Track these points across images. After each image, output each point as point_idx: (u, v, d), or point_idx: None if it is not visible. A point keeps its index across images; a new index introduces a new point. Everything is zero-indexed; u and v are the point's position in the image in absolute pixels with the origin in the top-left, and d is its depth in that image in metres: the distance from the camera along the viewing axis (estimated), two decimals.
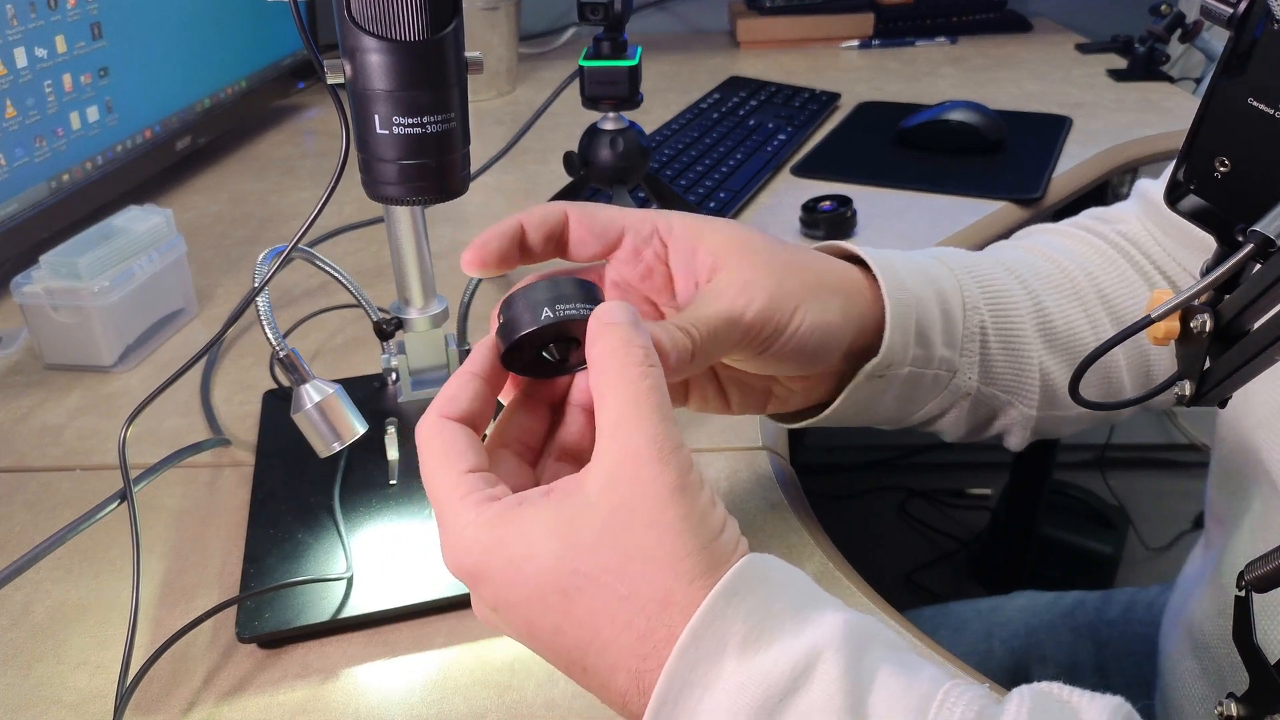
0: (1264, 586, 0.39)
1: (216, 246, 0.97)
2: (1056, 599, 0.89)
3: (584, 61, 0.75)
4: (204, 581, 0.57)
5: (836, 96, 1.29)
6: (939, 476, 1.98)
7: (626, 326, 0.37)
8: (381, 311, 0.63)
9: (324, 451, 0.56)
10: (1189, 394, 0.42)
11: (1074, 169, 1.07)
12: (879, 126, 1.19)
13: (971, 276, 0.57)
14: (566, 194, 0.85)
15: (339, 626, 0.53)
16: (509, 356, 0.40)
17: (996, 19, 1.61)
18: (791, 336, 0.45)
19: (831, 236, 0.92)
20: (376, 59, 0.42)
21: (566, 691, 0.50)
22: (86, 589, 0.57)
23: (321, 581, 0.55)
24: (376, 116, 0.44)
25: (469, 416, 0.39)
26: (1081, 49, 1.49)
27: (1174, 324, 0.41)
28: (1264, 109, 0.36)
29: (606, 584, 0.33)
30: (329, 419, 0.55)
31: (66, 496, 0.64)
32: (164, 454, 0.62)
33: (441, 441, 0.38)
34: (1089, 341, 0.59)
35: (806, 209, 0.94)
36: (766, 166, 1.07)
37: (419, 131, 0.44)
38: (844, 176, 1.06)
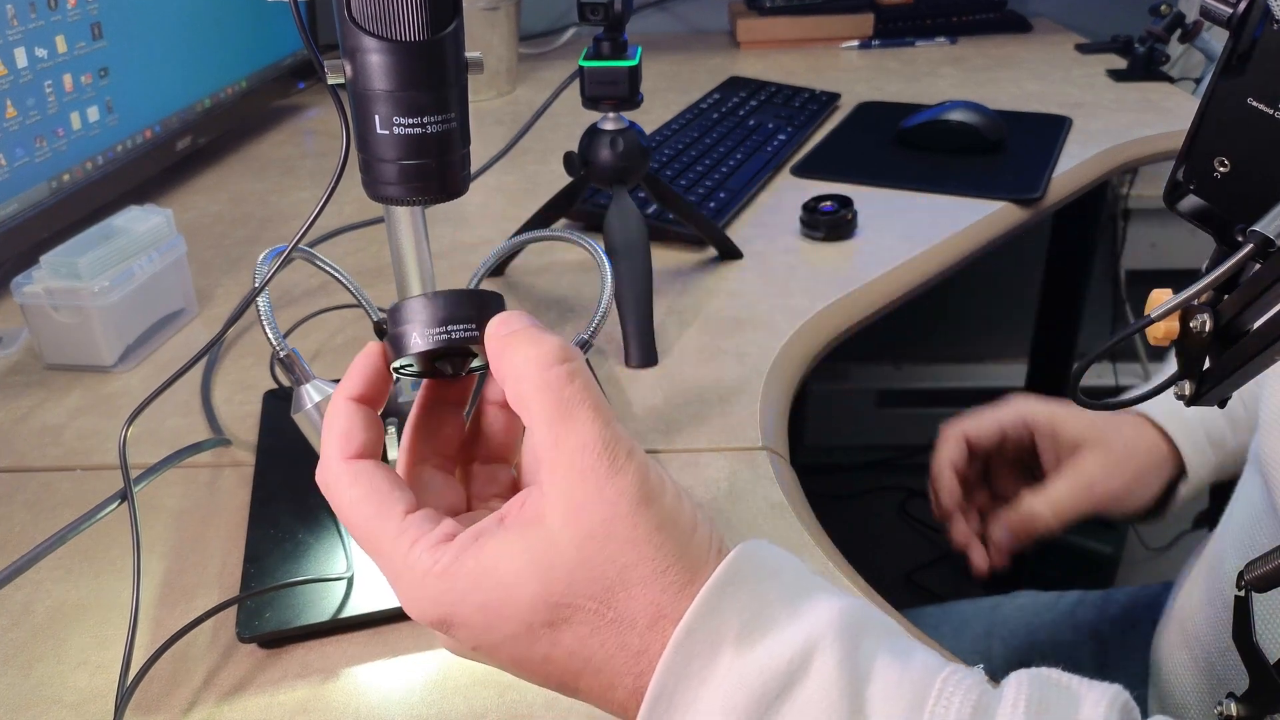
0: (1264, 586, 0.39)
1: (217, 246, 0.97)
2: (1057, 598, 0.89)
3: (584, 62, 0.75)
4: (204, 581, 0.57)
5: (836, 96, 1.29)
6: None
7: (529, 331, 0.35)
8: (382, 311, 0.63)
9: None
10: (1189, 394, 0.43)
11: (1074, 169, 1.07)
12: (879, 126, 1.19)
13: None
14: (566, 194, 0.85)
15: (339, 626, 0.53)
16: (398, 368, 0.38)
17: (996, 19, 1.61)
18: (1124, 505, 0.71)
19: (832, 237, 0.92)
20: (377, 59, 0.42)
21: None
22: (87, 589, 0.57)
23: (322, 581, 0.55)
24: (377, 116, 0.44)
25: (371, 449, 0.37)
26: (1081, 49, 1.49)
27: (1174, 324, 0.41)
28: (1264, 109, 0.36)
29: (593, 610, 0.33)
30: None
31: (67, 496, 0.64)
32: (164, 454, 0.62)
33: (362, 490, 0.35)
34: None
35: (806, 209, 0.94)
36: (766, 166, 1.07)
37: (419, 131, 0.44)
38: (844, 176, 1.06)
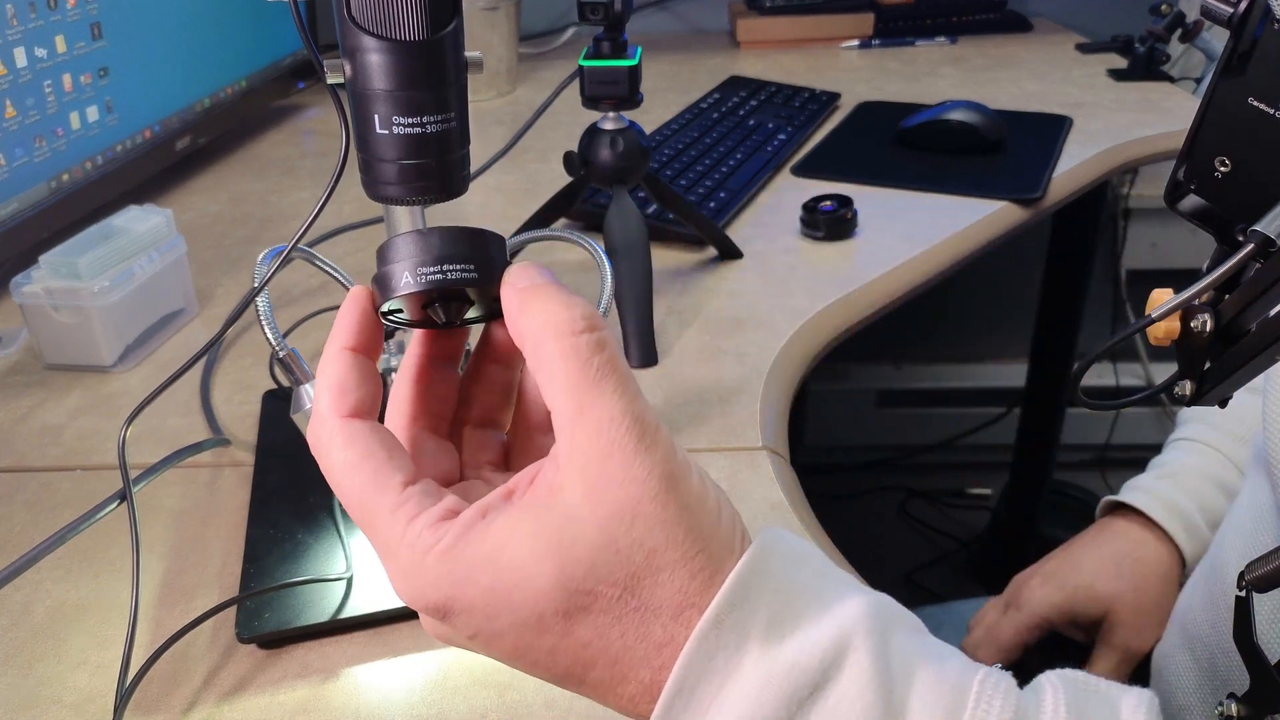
0: (1264, 586, 0.39)
1: (216, 246, 0.97)
2: None
3: (584, 61, 0.75)
4: (204, 581, 0.57)
5: (836, 96, 1.29)
6: (939, 476, 1.98)
7: (552, 288, 0.33)
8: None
9: None
10: (1189, 394, 0.43)
11: (1074, 169, 1.07)
12: (879, 126, 1.18)
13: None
14: (566, 194, 0.85)
15: (339, 626, 0.53)
16: (387, 313, 0.35)
17: (997, 19, 1.61)
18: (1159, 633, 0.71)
19: (832, 236, 0.92)
20: (376, 59, 0.42)
21: (567, 693, 0.50)
22: (86, 589, 0.57)
23: (321, 581, 0.55)
24: (376, 116, 0.44)
25: (368, 406, 0.34)
26: (1082, 49, 1.49)
27: (1174, 324, 0.41)
28: (1264, 109, 0.36)
29: (614, 598, 0.30)
30: None
31: (66, 496, 0.64)
32: (164, 454, 0.62)
33: (357, 453, 0.32)
34: None
35: (807, 209, 0.94)
36: (767, 166, 1.07)
37: (419, 131, 0.44)
38: (844, 176, 1.06)
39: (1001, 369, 1.95)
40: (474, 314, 0.36)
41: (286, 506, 0.60)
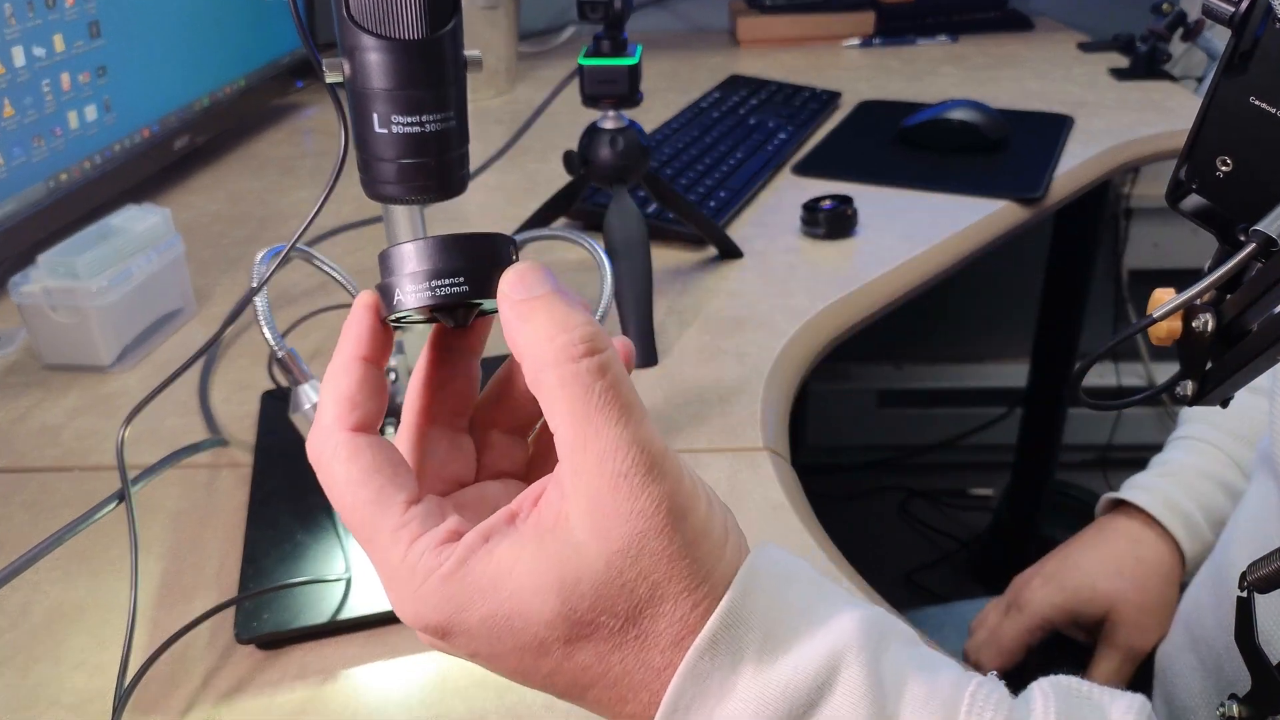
0: (1266, 587, 0.38)
1: (215, 246, 0.96)
2: None
3: (584, 60, 0.75)
4: (202, 582, 0.57)
5: (837, 95, 1.28)
6: (940, 477, 1.98)
7: (550, 300, 0.31)
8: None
9: None
10: (1191, 394, 0.42)
11: (1076, 168, 1.07)
12: (880, 125, 1.18)
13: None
14: (566, 193, 0.85)
15: (338, 628, 0.53)
16: (393, 320, 0.34)
17: (998, 17, 1.61)
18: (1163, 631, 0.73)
19: (832, 235, 0.92)
20: (375, 57, 0.42)
21: None
22: (85, 590, 0.57)
23: (320, 582, 0.54)
24: (375, 115, 0.44)
25: (372, 420, 0.33)
26: (1083, 48, 1.48)
27: (1176, 324, 0.41)
28: (1266, 108, 0.36)
29: (615, 629, 0.30)
30: None
31: (65, 497, 0.64)
32: (162, 454, 0.62)
33: (360, 469, 0.32)
34: None
35: (807, 208, 0.93)
36: (767, 165, 1.07)
37: (418, 130, 0.44)
38: (845, 175, 1.05)
39: (1003, 369, 1.95)
40: (490, 308, 0.34)
41: (285, 507, 0.60)
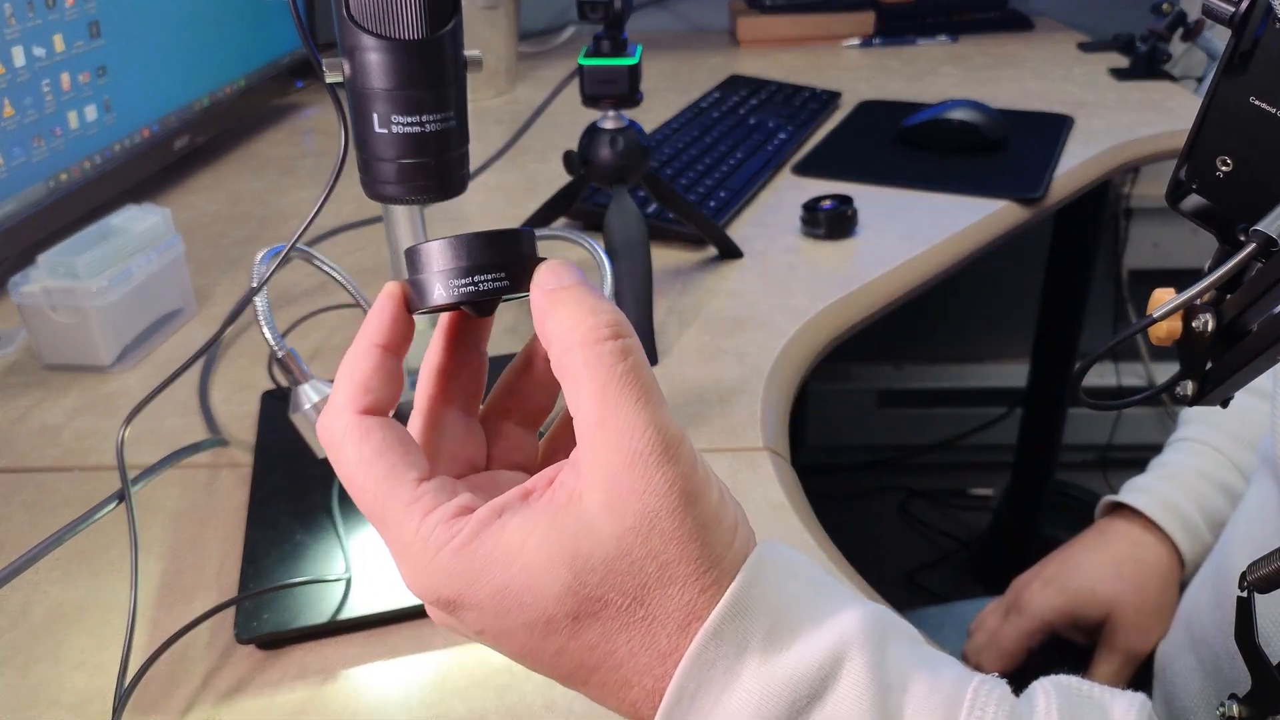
0: (1265, 587, 0.38)
1: (215, 246, 0.96)
2: None
3: (584, 60, 0.75)
4: (202, 582, 0.57)
5: (837, 95, 1.28)
6: (940, 477, 1.98)
7: (580, 290, 0.32)
8: None
9: (322, 452, 0.55)
10: (1191, 394, 0.42)
11: (1076, 168, 1.07)
12: (880, 125, 1.18)
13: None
14: (566, 193, 0.85)
15: (337, 628, 0.53)
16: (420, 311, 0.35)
17: (998, 17, 1.61)
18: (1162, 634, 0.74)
19: (832, 235, 0.92)
20: (375, 57, 0.42)
21: (566, 693, 0.49)
22: (85, 590, 0.57)
23: (320, 583, 0.54)
24: (375, 115, 0.44)
25: (386, 405, 0.34)
26: (1083, 48, 1.48)
27: (1176, 324, 0.41)
28: (1266, 108, 0.36)
29: (623, 607, 0.31)
30: None
31: (65, 497, 0.64)
32: (162, 454, 0.62)
33: (372, 448, 0.32)
34: None
35: (807, 208, 0.93)
36: (767, 165, 1.07)
37: (418, 130, 0.44)
38: (845, 175, 1.05)
39: (1003, 369, 1.95)
40: (512, 295, 0.35)
41: (285, 507, 0.60)
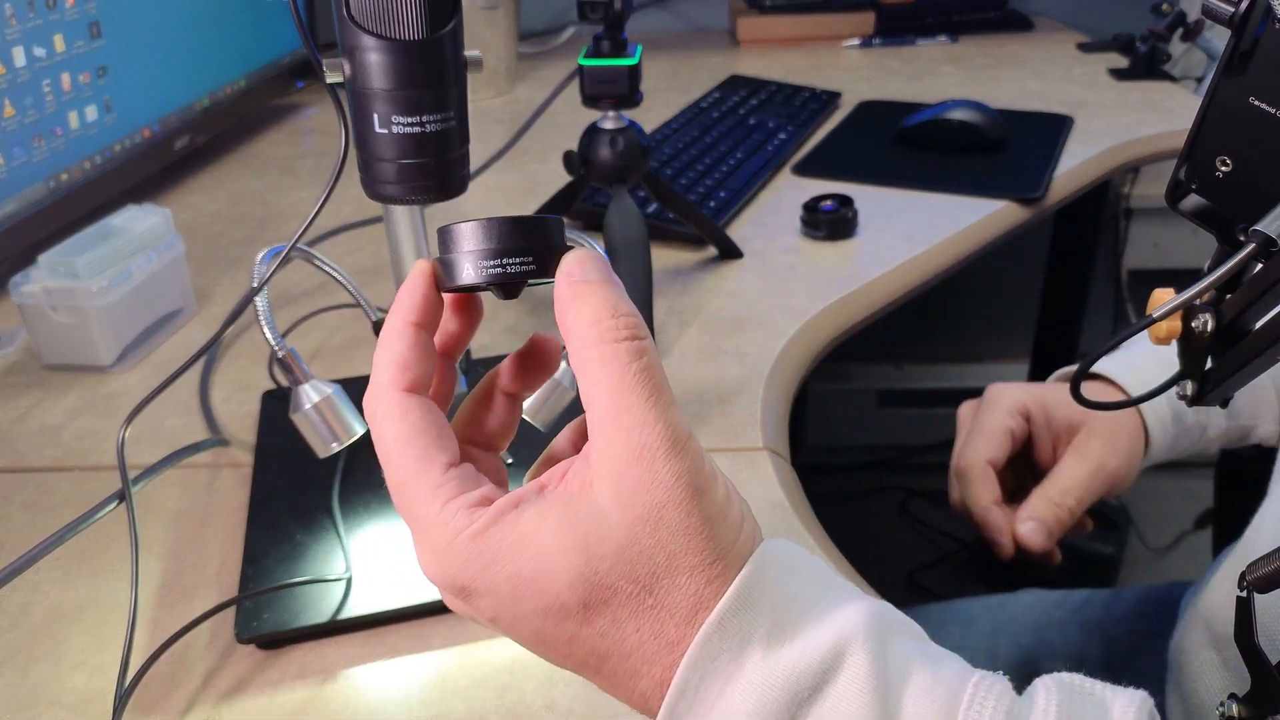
0: (1265, 587, 0.38)
1: (215, 246, 0.96)
2: (1065, 596, 0.89)
3: (584, 60, 0.75)
4: (202, 582, 0.57)
5: (837, 95, 1.28)
6: (940, 476, 1.96)
7: (604, 287, 0.34)
8: (380, 311, 0.63)
9: (323, 452, 0.55)
10: (1190, 394, 0.42)
11: (1075, 168, 1.07)
12: (880, 125, 1.18)
13: None
14: (566, 193, 0.85)
15: (338, 627, 0.53)
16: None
17: (998, 18, 1.61)
18: (1123, 485, 0.72)
19: (833, 236, 0.92)
20: (375, 58, 0.42)
21: (566, 693, 0.50)
22: (85, 590, 0.57)
23: (320, 582, 0.54)
24: (375, 115, 0.44)
25: (424, 382, 0.35)
26: (1083, 48, 1.48)
27: (1176, 324, 0.41)
28: (1266, 108, 0.36)
29: (633, 595, 0.32)
30: (327, 419, 0.55)
31: (65, 497, 0.64)
32: (162, 454, 0.62)
33: (409, 428, 0.34)
34: None
35: (807, 208, 0.93)
36: (767, 166, 1.07)
37: (418, 130, 0.44)
38: (845, 175, 1.06)
39: (1003, 369, 1.94)
40: (535, 281, 0.36)
41: (285, 507, 0.60)
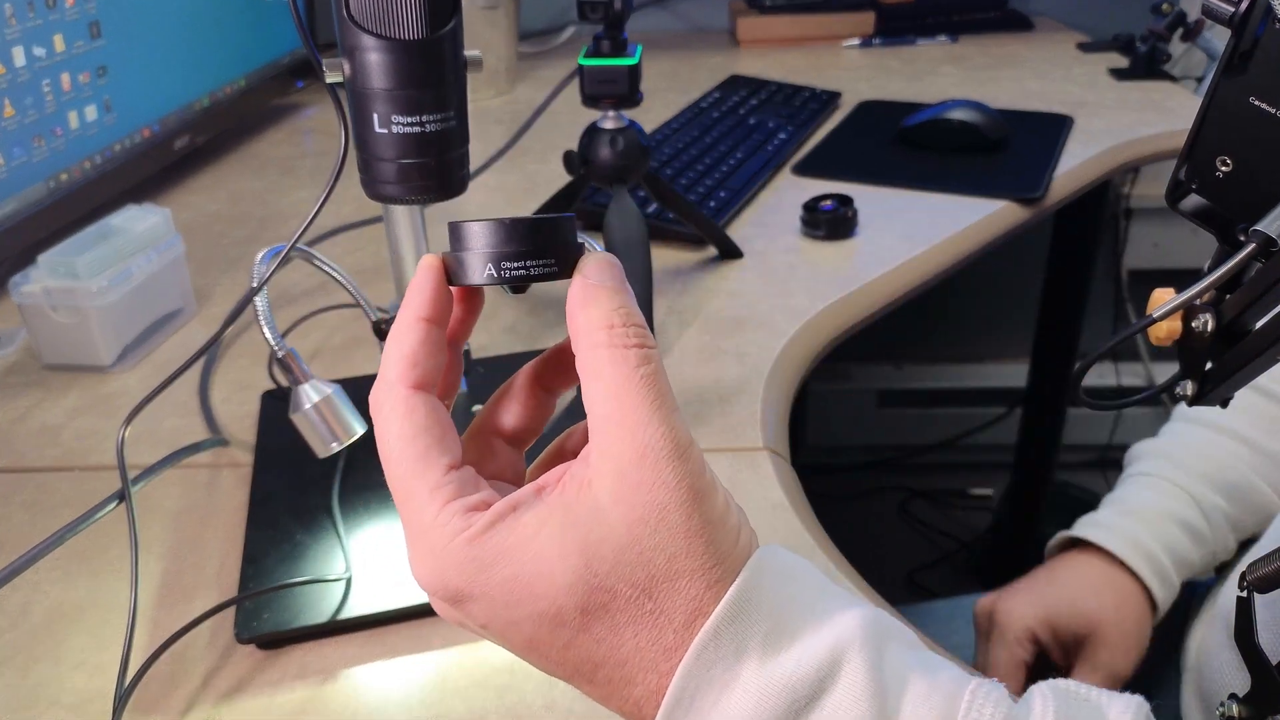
0: (1265, 587, 0.38)
1: (215, 246, 0.96)
2: None
3: (584, 60, 0.75)
4: (202, 582, 0.57)
5: (837, 95, 1.28)
6: (940, 477, 1.98)
7: (619, 294, 0.34)
8: (380, 311, 0.63)
9: (322, 452, 0.55)
10: (1191, 394, 0.42)
11: (1075, 168, 1.07)
12: (880, 125, 1.18)
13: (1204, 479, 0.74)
14: (567, 193, 0.85)
15: (338, 627, 0.53)
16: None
17: (998, 17, 1.61)
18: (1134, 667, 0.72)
19: (832, 236, 0.92)
20: (375, 58, 0.42)
21: (567, 693, 0.50)
22: (85, 590, 0.57)
23: (320, 582, 0.54)
24: (375, 115, 0.44)
25: (432, 379, 0.34)
26: (1083, 48, 1.48)
27: (1176, 324, 0.41)
28: (1266, 108, 0.36)
29: (632, 599, 0.31)
30: (327, 419, 0.55)
31: (65, 497, 0.64)
32: (162, 454, 0.62)
33: (414, 426, 0.33)
34: None
35: (807, 208, 0.93)
36: (767, 166, 1.07)
37: (418, 130, 0.44)
38: (845, 175, 1.05)
39: (1002, 369, 1.95)
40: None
41: (285, 507, 0.60)
